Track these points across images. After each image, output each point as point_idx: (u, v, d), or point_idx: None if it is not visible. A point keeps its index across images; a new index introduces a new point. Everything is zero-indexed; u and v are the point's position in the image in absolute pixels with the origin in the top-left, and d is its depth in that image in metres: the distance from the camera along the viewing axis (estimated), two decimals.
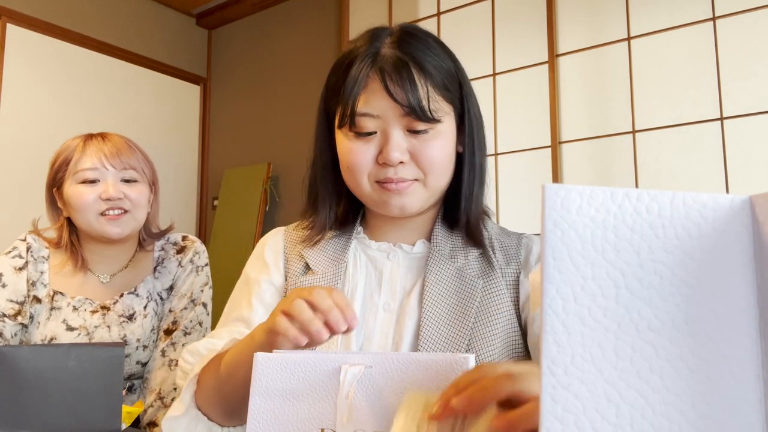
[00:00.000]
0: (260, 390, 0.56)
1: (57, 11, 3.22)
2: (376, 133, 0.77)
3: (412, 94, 0.73)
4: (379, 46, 0.77)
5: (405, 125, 0.76)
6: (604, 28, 2.39)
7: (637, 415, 0.32)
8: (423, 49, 0.77)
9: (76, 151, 1.27)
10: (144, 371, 1.31)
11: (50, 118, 3.13)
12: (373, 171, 0.78)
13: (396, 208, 0.79)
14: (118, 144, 1.29)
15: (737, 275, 0.33)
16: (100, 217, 1.25)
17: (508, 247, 0.85)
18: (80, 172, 1.24)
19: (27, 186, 2.98)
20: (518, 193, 2.53)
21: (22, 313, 1.24)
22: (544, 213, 0.34)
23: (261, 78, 3.72)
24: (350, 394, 0.53)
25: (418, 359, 0.54)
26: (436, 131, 0.77)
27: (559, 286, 0.33)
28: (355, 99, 0.75)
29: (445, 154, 0.78)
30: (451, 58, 0.82)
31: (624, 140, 2.30)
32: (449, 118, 0.79)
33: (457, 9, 2.76)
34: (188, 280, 1.35)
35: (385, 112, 0.75)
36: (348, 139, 0.78)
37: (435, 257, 0.81)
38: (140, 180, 1.30)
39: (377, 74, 0.75)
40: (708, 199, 0.34)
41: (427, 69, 0.76)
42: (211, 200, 3.88)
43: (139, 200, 1.28)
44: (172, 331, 1.30)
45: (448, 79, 0.79)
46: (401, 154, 0.76)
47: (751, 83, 2.06)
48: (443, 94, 0.77)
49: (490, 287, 0.79)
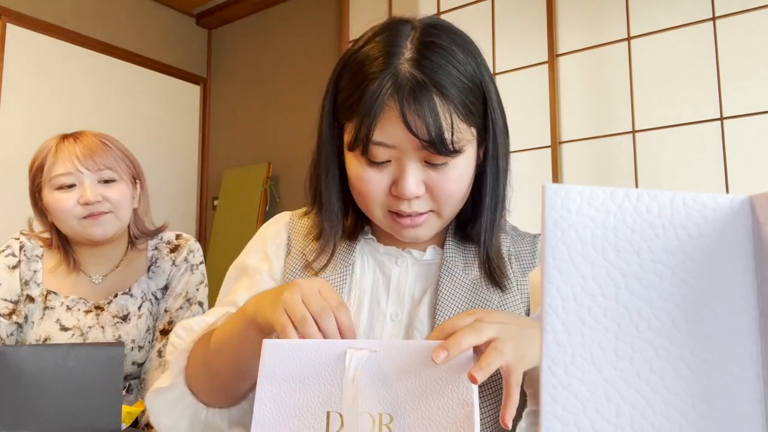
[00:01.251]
0: (268, 375, 0.56)
1: (57, 11, 3.22)
2: (390, 161, 0.70)
3: (434, 126, 0.66)
4: (397, 63, 0.68)
5: (422, 157, 0.69)
6: (604, 28, 2.39)
7: (637, 415, 0.32)
8: (445, 66, 0.68)
9: (49, 155, 1.24)
10: (140, 372, 1.30)
11: (50, 118, 3.13)
12: (386, 201, 0.72)
13: (409, 239, 0.75)
14: (91, 144, 1.24)
15: (737, 275, 0.33)
16: (82, 221, 1.22)
17: (522, 255, 0.82)
18: (55, 179, 1.21)
19: (26, 186, 2.98)
20: (518, 193, 2.52)
21: (17, 312, 1.23)
22: (544, 213, 0.34)
23: (261, 78, 3.72)
24: (356, 378, 0.54)
25: (422, 346, 0.55)
26: (456, 161, 0.70)
27: (559, 286, 0.33)
28: (370, 127, 0.67)
29: (463, 184, 0.73)
30: (476, 61, 0.72)
31: (624, 140, 2.30)
32: (471, 146, 0.72)
33: (457, 9, 2.76)
34: (183, 279, 1.33)
35: (402, 144, 0.68)
36: (360, 165, 0.71)
37: (448, 267, 0.77)
38: (119, 179, 1.26)
39: (395, 101, 0.66)
40: (708, 199, 0.34)
41: (449, 94, 0.67)
42: (211, 200, 3.88)
43: (119, 200, 1.25)
44: (168, 331, 1.29)
45: (471, 97, 0.70)
46: (417, 189, 0.69)
47: (751, 83, 2.06)
48: (467, 119, 0.69)
49: (505, 302, 0.76)
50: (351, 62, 0.72)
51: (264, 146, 3.62)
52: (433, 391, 0.53)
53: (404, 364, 0.54)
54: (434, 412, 0.52)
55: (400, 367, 0.54)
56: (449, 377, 0.53)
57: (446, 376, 0.53)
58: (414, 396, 0.53)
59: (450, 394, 0.53)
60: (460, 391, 0.52)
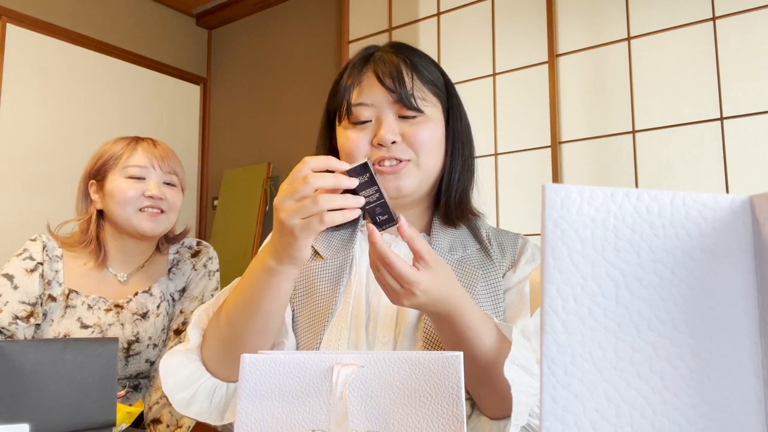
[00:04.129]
0: (248, 392, 0.54)
1: (57, 11, 3.22)
2: (371, 121, 0.85)
3: (402, 83, 0.83)
4: (374, 51, 0.89)
5: (396, 111, 0.84)
6: (604, 28, 2.39)
7: (637, 415, 0.32)
8: (413, 53, 0.88)
9: (127, 148, 1.34)
10: (151, 370, 1.34)
11: (50, 118, 3.13)
12: (369, 154, 0.84)
13: (393, 189, 0.84)
14: (166, 150, 1.39)
15: (737, 275, 0.33)
16: (139, 213, 1.31)
17: (504, 243, 0.91)
18: (129, 168, 1.31)
19: (27, 186, 2.98)
20: (518, 193, 2.53)
21: (34, 315, 1.25)
22: (544, 213, 0.34)
23: (261, 78, 3.72)
24: (344, 395, 0.52)
25: (409, 358, 0.53)
26: (425, 117, 0.85)
27: (559, 286, 0.33)
28: (351, 92, 0.85)
29: (434, 137, 0.86)
30: (438, 68, 0.91)
31: (624, 140, 2.30)
32: (437, 110, 0.87)
33: (457, 9, 2.76)
34: (201, 284, 1.40)
35: (378, 101, 0.84)
36: (346, 130, 0.87)
37: (435, 249, 0.86)
38: (178, 185, 1.39)
39: (371, 69, 0.85)
40: (708, 199, 0.34)
41: (415, 66, 0.86)
42: (211, 200, 3.88)
43: (175, 203, 1.37)
44: (181, 332, 1.34)
45: (434, 78, 0.88)
46: (393, 135, 0.83)
47: (751, 83, 2.06)
48: (430, 88, 0.86)
49: (488, 276, 0.84)
50: (339, 76, 0.91)
51: (264, 146, 3.62)
52: (422, 407, 0.52)
53: (392, 379, 0.53)
54: (423, 429, 0.52)
55: (388, 382, 0.53)
56: (438, 392, 0.52)
57: (435, 391, 0.52)
58: (402, 412, 0.52)
59: (439, 410, 0.52)
60: (449, 407, 0.52)
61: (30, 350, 0.63)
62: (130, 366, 1.29)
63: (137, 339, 1.29)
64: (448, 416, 0.52)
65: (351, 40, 3.13)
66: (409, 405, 0.53)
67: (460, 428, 0.51)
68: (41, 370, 0.63)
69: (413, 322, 0.81)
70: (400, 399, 0.53)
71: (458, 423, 0.51)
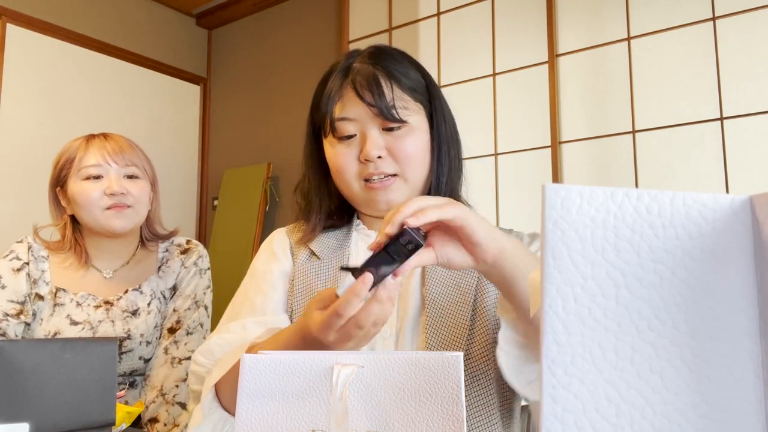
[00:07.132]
0: (248, 392, 0.54)
1: (57, 11, 3.22)
2: (355, 135, 0.85)
3: (381, 96, 0.82)
4: (352, 61, 0.88)
5: (379, 125, 0.84)
6: (603, 28, 2.39)
7: (637, 415, 0.32)
8: (391, 60, 0.87)
9: (79, 149, 1.31)
10: (146, 368, 1.33)
11: (50, 117, 3.13)
12: (358, 169, 0.85)
13: (383, 204, 0.85)
14: (120, 142, 1.34)
15: (737, 275, 0.33)
16: (106, 212, 1.29)
17: None
18: (84, 169, 1.29)
19: (26, 186, 2.98)
20: (518, 193, 2.53)
21: (24, 312, 1.26)
22: (544, 213, 0.34)
23: (261, 78, 3.72)
24: (344, 395, 0.52)
25: (409, 358, 0.53)
26: (408, 128, 0.85)
27: (559, 286, 0.33)
28: (332, 107, 0.86)
29: (419, 147, 0.86)
30: (419, 70, 0.90)
31: (624, 140, 2.30)
32: (420, 117, 0.87)
33: (457, 9, 2.76)
34: (192, 282, 1.39)
35: (360, 115, 0.84)
36: (332, 146, 0.87)
37: None
38: (141, 177, 1.35)
39: (350, 84, 0.85)
40: (708, 199, 0.34)
41: (394, 75, 0.85)
42: (211, 200, 3.88)
43: (140, 196, 1.33)
44: (175, 330, 1.34)
45: (415, 83, 0.87)
46: (378, 150, 0.83)
47: (751, 83, 2.06)
48: (411, 95, 0.86)
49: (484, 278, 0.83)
50: (321, 79, 0.92)
51: (264, 146, 3.62)
52: (422, 407, 0.52)
53: (392, 379, 0.53)
54: (423, 429, 0.52)
55: (388, 382, 0.53)
56: (438, 392, 0.52)
57: (435, 391, 0.53)
58: (402, 412, 0.52)
59: (439, 410, 0.52)
60: (449, 407, 0.52)
61: (29, 350, 0.63)
62: (124, 363, 1.30)
63: (129, 336, 1.29)
64: (448, 416, 0.51)
65: (351, 40, 3.13)
66: (409, 405, 0.53)
67: (460, 428, 0.51)
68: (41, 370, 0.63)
69: (415, 316, 0.82)
70: (400, 399, 0.53)
71: (458, 423, 0.51)
